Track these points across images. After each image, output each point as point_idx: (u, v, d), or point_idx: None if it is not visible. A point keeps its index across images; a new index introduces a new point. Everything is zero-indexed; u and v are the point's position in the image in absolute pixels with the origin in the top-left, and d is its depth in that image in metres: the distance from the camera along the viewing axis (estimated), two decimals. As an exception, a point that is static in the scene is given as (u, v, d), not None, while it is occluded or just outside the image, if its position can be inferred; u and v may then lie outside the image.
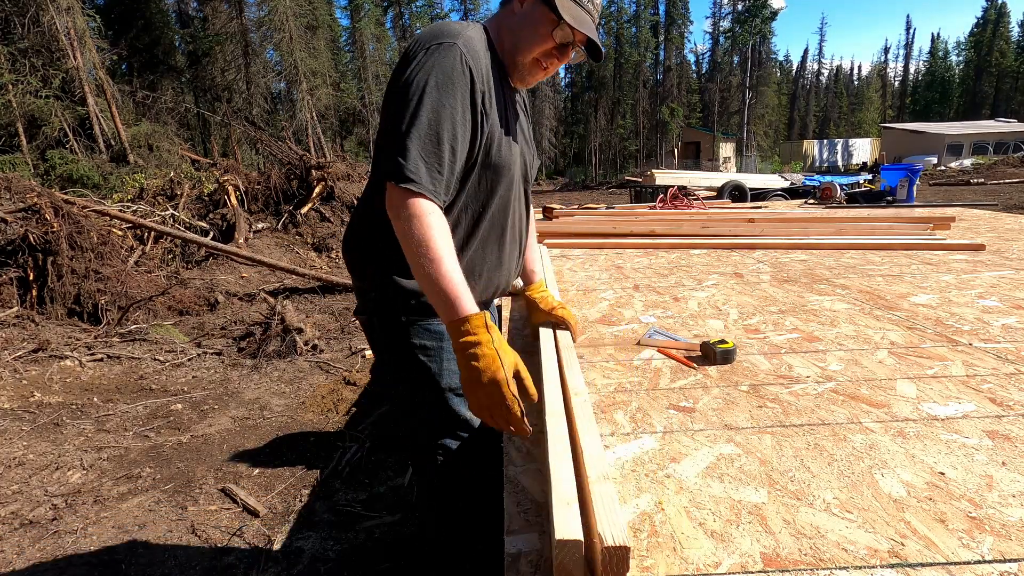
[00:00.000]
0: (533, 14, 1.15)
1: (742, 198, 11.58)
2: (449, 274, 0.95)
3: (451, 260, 0.96)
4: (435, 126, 1.00)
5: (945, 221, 3.55)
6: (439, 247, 0.95)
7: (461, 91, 1.03)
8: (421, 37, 1.09)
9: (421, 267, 0.95)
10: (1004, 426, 1.00)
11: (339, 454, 2.91)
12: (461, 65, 1.04)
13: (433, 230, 0.96)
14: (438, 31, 1.08)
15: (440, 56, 1.03)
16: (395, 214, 0.99)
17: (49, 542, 2.27)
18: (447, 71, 1.02)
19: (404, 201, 0.97)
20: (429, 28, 1.11)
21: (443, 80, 1.02)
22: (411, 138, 0.99)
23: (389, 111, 1.05)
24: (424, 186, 0.98)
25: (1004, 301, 1.84)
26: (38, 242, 4.92)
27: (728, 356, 1.34)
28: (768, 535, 0.73)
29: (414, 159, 0.98)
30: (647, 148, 41.63)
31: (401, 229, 0.98)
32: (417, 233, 0.95)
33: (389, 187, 0.99)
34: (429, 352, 1.16)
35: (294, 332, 4.48)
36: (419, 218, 0.96)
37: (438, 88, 1.01)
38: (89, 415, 3.44)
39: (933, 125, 36.62)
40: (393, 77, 1.09)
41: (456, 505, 1.22)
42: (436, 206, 0.99)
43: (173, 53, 28.34)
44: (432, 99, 1.00)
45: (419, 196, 0.97)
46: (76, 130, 17.26)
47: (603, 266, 2.78)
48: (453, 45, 1.04)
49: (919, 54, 70.82)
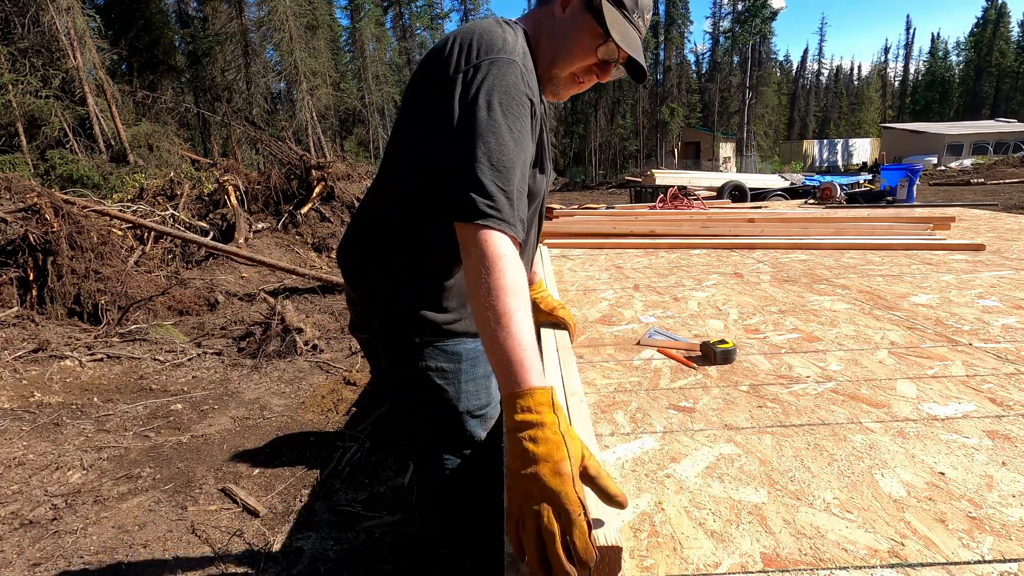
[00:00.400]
0: (577, 24, 1.04)
1: (742, 198, 11.59)
2: (517, 334, 0.78)
3: (522, 316, 0.80)
4: (508, 154, 0.89)
5: (945, 221, 3.55)
6: (510, 300, 0.80)
7: (525, 116, 0.94)
8: (469, 46, 0.95)
9: (486, 320, 0.80)
10: (1004, 426, 1.00)
11: (339, 454, 2.91)
12: (524, 86, 0.94)
13: (506, 278, 0.82)
14: (489, 41, 0.95)
15: (500, 72, 0.92)
16: (467, 252, 0.86)
17: (49, 542, 2.27)
18: (509, 89, 0.92)
19: (477, 238, 0.84)
20: (475, 34, 0.97)
21: (508, 102, 0.91)
22: (484, 167, 0.87)
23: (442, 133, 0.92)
24: (504, 221, 0.86)
25: (1004, 301, 1.84)
26: (38, 242, 4.92)
27: (728, 356, 1.34)
28: (768, 535, 0.73)
29: (491, 191, 0.86)
30: (647, 148, 41.64)
31: (473, 269, 0.84)
32: (488, 281, 0.81)
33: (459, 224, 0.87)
34: (446, 375, 1.10)
35: (294, 332, 4.49)
36: (493, 261, 0.82)
37: (503, 111, 0.90)
38: (89, 415, 3.44)
39: (933, 125, 36.63)
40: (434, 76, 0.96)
41: (456, 506, 1.22)
42: (514, 245, 0.87)
43: (173, 53, 28.35)
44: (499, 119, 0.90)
45: (497, 231, 0.85)
46: (76, 130, 17.27)
47: (603, 266, 2.78)
48: (512, 63, 0.94)
49: (919, 54, 70.86)
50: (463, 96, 0.91)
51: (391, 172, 1.09)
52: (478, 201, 0.85)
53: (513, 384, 0.74)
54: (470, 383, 1.14)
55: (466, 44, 0.95)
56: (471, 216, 0.85)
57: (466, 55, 0.94)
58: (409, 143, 1.03)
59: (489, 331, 0.79)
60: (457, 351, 1.11)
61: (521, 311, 0.80)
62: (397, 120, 1.10)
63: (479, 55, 0.93)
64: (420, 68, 1.04)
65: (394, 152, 1.09)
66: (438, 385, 1.11)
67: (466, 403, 1.14)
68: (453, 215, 0.87)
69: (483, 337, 0.81)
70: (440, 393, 1.12)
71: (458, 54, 0.95)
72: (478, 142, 0.88)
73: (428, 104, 0.97)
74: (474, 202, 0.85)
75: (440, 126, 0.93)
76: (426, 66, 1.01)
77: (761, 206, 6.73)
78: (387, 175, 1.10)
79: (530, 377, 0.74)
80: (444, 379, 1.11)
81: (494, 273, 0.81)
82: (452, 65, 0.94)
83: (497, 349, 0.78)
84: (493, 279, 0.81)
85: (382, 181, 1.13)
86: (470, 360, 1.13)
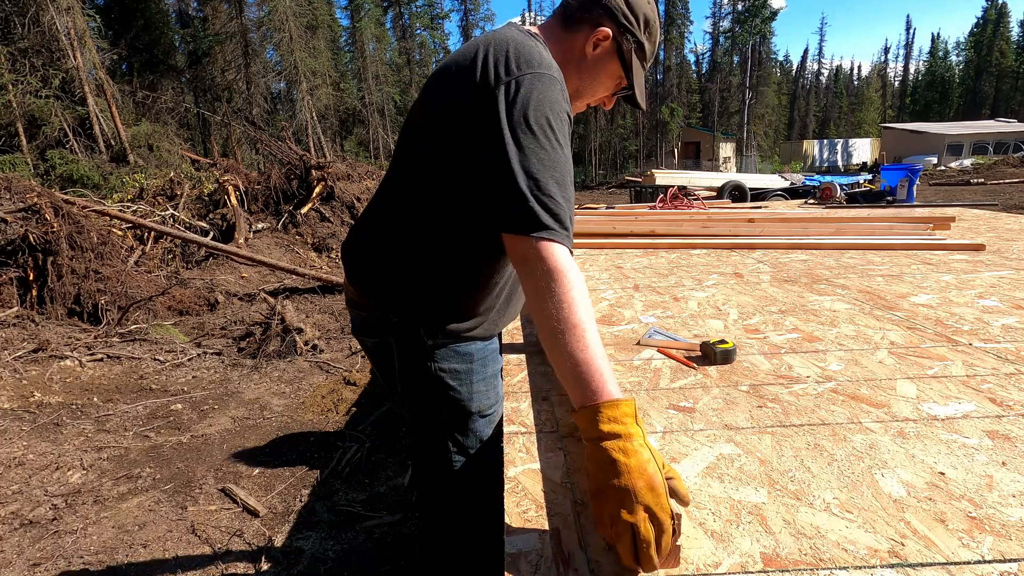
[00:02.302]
0: (604, 67, 1.09)
1: (742, 198, 11.59)
2: (593, 346, 0.79)
3: (594, 329, 0.81)
4: (563, 168, 0.90)
5: (945, 221, 3.55)
6: (583, 312, 0.81)
7: (567, 131, 0.95)
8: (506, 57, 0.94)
9: (558, 332, 0.80)
10: (1004, 426, 1.00)
11: (339, 454, 2.92)
12: (563, 101, 0.95)
13: (574, 291, 0.82)
14: (529, 54, 0.95)
15: (545, 87, 0.92)
16: (529, 269, 0.86)
17: (49, 542, 2.27)
18: (554, 105, 0.92)
19: (541, 252, 0.84)
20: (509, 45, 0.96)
21: (554, 115, 0.91)
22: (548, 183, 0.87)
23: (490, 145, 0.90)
24: (561, 234, 0.87)
25: (1004, 301, 1.84)
26: (38, 242, 4.92)
27: (728, 356, 1.34)
28: (768, 535, 0.73)
29: (554, 207, 0.87)
30: (647, 148, 41.64)
31: (537, 287, 0.84)
32: (559, 294, 0.82)
33: (517, 238, 0.87)
34: (459, 375, 1.11)
35: (294, 332, 4.49)
36: (562, 274, 0.83)
37: (551, 124, 0.91)
38: (89, 415, 3.44)
39: (933, 125, 36.65)
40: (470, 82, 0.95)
41: (456, 506, 1.22)
42: (572, 256, 0.88)
43: (173, 53, 28.35)
44: (549, 135, 0.90)
45: (557, 244, 0.86)
46: (76, 130, 17.26)
47: (603, 266, 2.78)
48: (554, 79, 0.94)
49: (919, 54, 70.95)
50: (510, 109, 0.90)
51: (412, 181, 1.06)
52: (542, 216, 0.86)
53: (594, 395, 0.75)
54: (481, 383, 1.15)
55: (501, 54, 0.94)
56: (536, 229, 0.85)
57: (504, 66, 0.92)
58: (441, 153, 1.00)
59: (562, 344, 0.79)
60: (469, 351, 1.12)
61: (593, 322, 0.81)
62: (414, 127, 1.06)
63: (520, 68, 0.92)
64: (444, 76, 1.01)
65: (415, 160, 1.06)
66: (451, 386, 1.12)
67: (477, 403, 1.15)
68: (515, 229, 0.87)
69: (554, 350, 0.81)
70: (452, 394, 1.13)
71: (495, 64, 0.93)
72: (537, 158, 0.88)
73: (464, 114, 0.95)
74: (539, 217, 0.86)
75: (487, 139, 0.91)
76: (453, 74, 0.99)
77: (761, 206, 6.73)
78: (407, 183, 1.07)
79: (612, 388, 0.76)
80: (457, 380, 1.12)
81: (563, 286, 0.82)
82: (491, 75, 0.92)
83: (573, 361, 0.78)
84: (564, 292, 0.82)
85: (398, 188, 1.10)
86: (480, 360, 1.15)
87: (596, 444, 0.72)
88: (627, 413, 0.73)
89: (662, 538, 0.65)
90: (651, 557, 0.64)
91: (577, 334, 0.79)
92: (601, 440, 0.71)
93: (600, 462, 0.71)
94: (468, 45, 1.01)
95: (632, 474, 0.67)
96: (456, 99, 0.96)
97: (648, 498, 0.66)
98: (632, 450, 0.69)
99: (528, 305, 0.88)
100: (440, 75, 1.03)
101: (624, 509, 0.66)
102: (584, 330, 0.79)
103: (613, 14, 1.06)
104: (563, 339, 0.79)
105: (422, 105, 1.05)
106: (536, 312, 0.85)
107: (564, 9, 1.11)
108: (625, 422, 0.72)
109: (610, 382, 0.76)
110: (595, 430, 0.72)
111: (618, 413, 0.73)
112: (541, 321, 0.83)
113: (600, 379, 0.76)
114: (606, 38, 1.06)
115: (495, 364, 1.20)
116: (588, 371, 0.77)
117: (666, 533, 0.65)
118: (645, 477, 0.67)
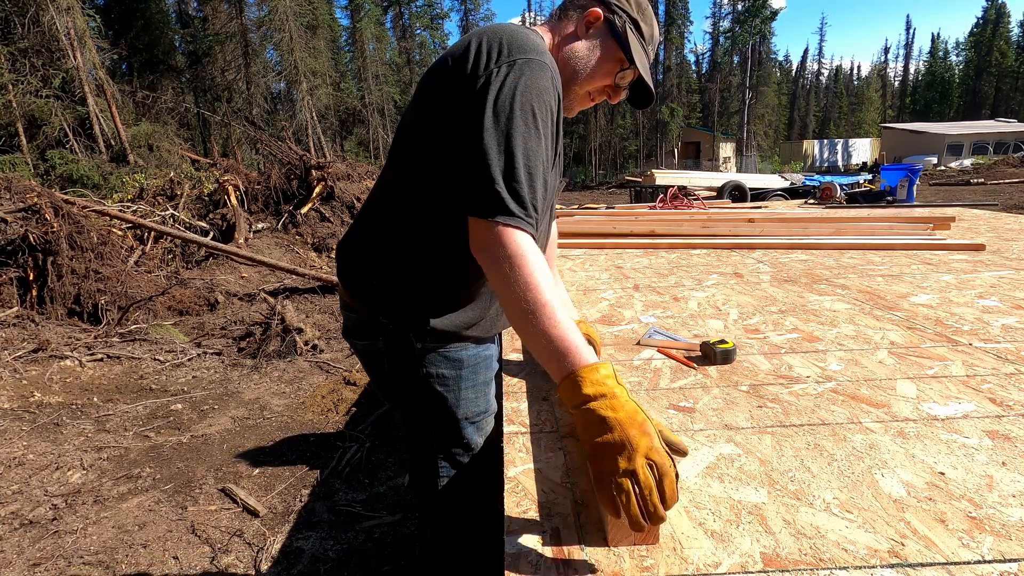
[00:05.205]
0: (600, 47, 1.07)
1: (742, 198, 11.60)
2: (564, 321, 0.81)
3: (561, 306, 0.83)
4: (534, 153, 0.89)
5: (945, 221, 3.55)
6: (546, 291, 0.82)
7: (552, 117, 0.94)
8: (500, 42, 0.94)
9: (525, 314, 0.82)
10: (1004, 426, 1.00)
11: (339, 454, 2.92)
12: (553, 89, 0.94)
13: (538, 273, 0.83)
14: (521, 41, 0.94)
15: (534, 74, 0.91)
16: (491, 254, 0.86)
17: (49, 542, 2.27)
18: (541, 92, 0.91)
19: (502, 238, 0.85)
20: (506, 33, 0.96)
21: (539, 102, 0.91)
22: (508, 166, 0.87)
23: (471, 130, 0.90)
24: (525, 220, 0.86)
25: (1004, 301, 1.84)
26: (38, 242, 4.92)
27: (728, 356, 1.34)
28: (768, 535, 0.73)
29: (514, 190, 0.86)
30: (647, 148, 41.64)
31: (501, 273, 0.84)
32: (524, 277, 0.83)
33: (480, 222, 0.87)
34: (447, 381, 1.10)
35: (294, 332, 4.49)
36: (525, 259, 0.84)
37: (534, 111, 0.90)
38: (89, 415, 3.44)
39: (933, 125, 36.65)
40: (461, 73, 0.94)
41: (453, 511, 1.22)
42: (535, 242, 0.88)
43: (173, 53, 28.36)
44: (530, 122, 0.89)
45: (519, 230, 0.86)
46: (76, 130, 17.27)
47: (603, 266, 2.78)
48: (545, 65, 0.93)
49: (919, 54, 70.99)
50: (496, 94, 0.89)
51: (404, 178, 1.05)
52: (508, 202, 0.86)
53: (572, 364, 0.77)
54: (470, 390, 1.13)
55: (495, 42, 0.94)
56: (501, 214, 0.85)
57: (497, 52, 0.92)
58: (432, 146, 0.99)
59: (535, 324, 0.81)
60: (459, 357, 1.10)
61: (558, 300, 0.83)
62: (408, 124, 1.06)
63: (511, 53, 0.92)
64: (438, 70, 1.00)
65: (408, 157, 1.05)
66: (438, 392, 1.11)
67: (465, 410, 1.13)
68: (480, 212, 0.87)
69: (527, 332, 0.83)
70: (440, 400, 1.12)
71: (488, 52, 0.93)
72: (515, 143, 0.87)
73: (456, 105, 0.94)
74: (504, 202, 0.86)
75: (470, 122, 0.90)
76: (447, 68, 0.98)
77: (761, 206, 6.73)
78: (399, 181, 1.06)
79: (589, 356, 0.78)
80: (444, 386, 1.11)
81: (527, 269, 0.83)
82: (482, 63, 0.92)
83: (547, 338, 0.80)
84: (529, 275, 0.83)
85: (391, 187, 1.08)
86: (471, 367, 1.13)
87: (583, 408, 0.73)
88: (607, 375, 0.75)
89: (664, 483, 0.66)
90: (657, 504, 0.65)
91: (548, 312, 0.81)
92: (587, 403, 0.73)
93: (590, 423, 0.72)
94: (464, 38, 1.00)
95: (623, 425, 0.69)
96: (450, 92, 0.95)
97: (643, 443, 0.67)
98: (619, 405, 0.71)
99: (495, 292, 0.88)
100: (434, 69, 1.02)
101: (620, 459, 0.67)
102: (553, 308, 0.81)
103: None
104: (535, 320, 0.81)
105: (416, 100, 1.04)
106: (504, 298, 0.85)
107: (559, 7, 1.13)
108: (607, 383, 0.74)
109: (585, 351, 0.78)
110: (579, 395, 0.74)
111: (598, 376, 0.74)
112: (510, 306, 0.84)
113: (575, 349, 0.78)
114: (597, 18, 1.07)
115: (487, 371, 1.17)
116: (563, 344, 0.79)
117: (667, 476, 0.66)
118: (636, 424, 0.69)
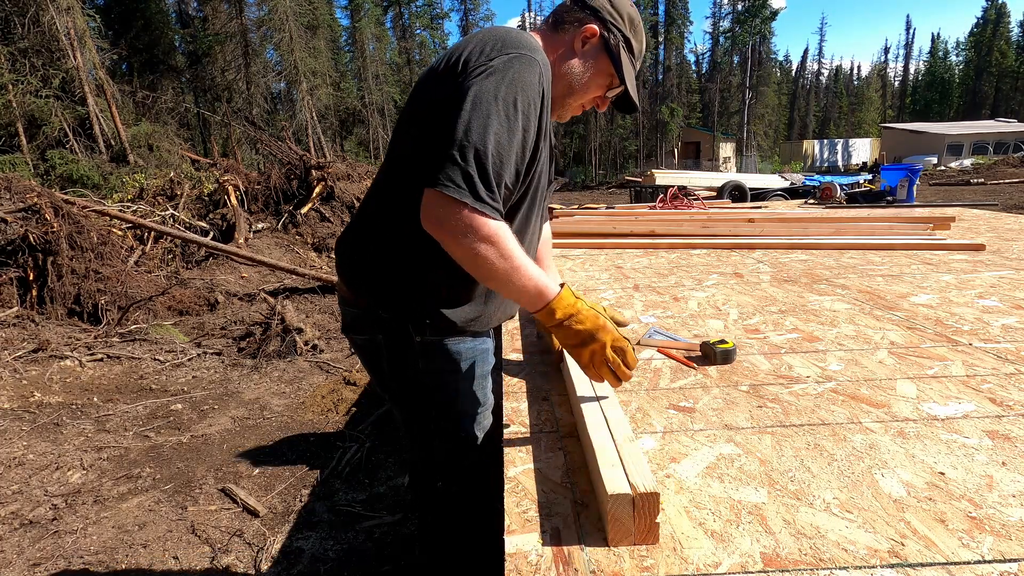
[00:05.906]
0: (594, 63, 1.12)
1: (742, 198, 11.59)
2: (533, 272, 0.96)
3: (527, 258, 0.96)
4: (507, 148, 0.94)
5: (945, 221, 3.55)
6: (519, 257, 0.95)
7: (535, 111, 0.97)
8: (493, 40, 0.98)
9: (511, 273, 0.94)
10: (1004, 426, 1.00)
11: (339, 454, 2.91)
12: (539, 84, 0.98)
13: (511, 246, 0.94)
14: (514, 39, 0.99)
15: (522, 68, 0.95)
16: (456, 235, 0.91)
17: (49, 542, 2.27)
18: (527, 86, 0.95)
19: (470, 223, 0.90)
20: (499, 32, 1.01)
21: (523, 95, 0.95)
22: (481, 153, 0.91)
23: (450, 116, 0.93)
24: (491, 206, 0.92)
25: (1004, 301, 1.84)
26: (38, 242, 4.92)
27: (728, 356, 1.34)
28: (768, 535, 0.73)
29: (485, 176, 0.91)
30: (647, 148, 41.63)
31: (475, 252, 0.92)
32: (504, 254, 0.93)
33: (446, 203, 0.90)
34: (445, 375, 1.11)
35: (294, 332, 4.48)
36: (500, 239, 0.93)
37: (515, 103, 0.94)
38: (89, 415, 3.44)
39: (933, 125, 36.64)
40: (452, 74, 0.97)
41: (456, 506, 1.22)
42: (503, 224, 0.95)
43: (173, 53, 28.34)
44: (509, 112, 0.93)
45: (485, 216, 0.91)
46: (76, 130, 17.26)
47: (603, 266, 2.78)
48: (535, 61, 0.98)
49: (919, 54, 70.94)
50: (483, 83, 0.93)
51: (398, 175, 1.07)
52: (477, 185, 0.91)
53: (542, 300, 0.97)
54: (468, 383, 1.14)
55: (490, 39, 0.99)
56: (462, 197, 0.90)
57: (491, 48, 0.97)
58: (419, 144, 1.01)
59: (514, 283, 0.96)
60: (458, 350, 1.11)
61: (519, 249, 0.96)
62: (402, 124, 1.08)
63: (504, 48, 0.97)
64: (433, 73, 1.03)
65: (402, 154, 1.07)
66: (437, 385, 1.12)
67: (463, 404, 1.14)
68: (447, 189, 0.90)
69: (506, 289, 0.97)
70: (438, 394, 1.12)
71: (482, 49, 0.97)
72: (493, 131, 0.92)
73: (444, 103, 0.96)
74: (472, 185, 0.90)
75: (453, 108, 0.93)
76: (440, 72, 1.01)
77: (761, 206, 6.73)
78: (394, 177, 1.08)
79: (554, 288, 0.98)
80: (443, 380, 1.12)
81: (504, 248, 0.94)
82: (475, 58, 0.97)
83: (525, 288, 0.96)
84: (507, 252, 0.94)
85: (386, 183, 1.10)
86: (469, 360, 1.14)
87: (560, 326, 0.98)
88: (569, 299, 0.98)
89: (625, 356, 0.96)
90: (623, 369, 0.96)
91: (522, 271, 0.95)
92: (562, 323, 0.97)
93: (566, 335, 0.98)
94: (462, 41, 1.04)
95: (591, 331, 0.97)
96: (440, 95, 0.98)
97: (607, 338, 0.96)
98: (583, 317, 0.97)
99: (463, 265, 0.96)
100: (429, 73, 1.05)
101: (590, 348, 0.96)
102: (524, 265, 0.96)
103: (599, 13, 1.11)
104: (514, 279, 0.95)
105: (410, 102, 1.07)
106: (477, 270, 0.96)
107: (553, 16, 1.16)
108: (572, 304, 0.98)
109: (551, 285, 0.98)
110: (553, 319, 0.97)
111: (564, 303, 0.97)
112: (487, 275, 0.96)
113: (545, 288, 0.97)
114: (593, 35, 1.11)
115: (485, 365, 1.18)
116: (537, 289, 0.97)
117: (627, 351, 0.97)
118: (599, 328, 0.97)
